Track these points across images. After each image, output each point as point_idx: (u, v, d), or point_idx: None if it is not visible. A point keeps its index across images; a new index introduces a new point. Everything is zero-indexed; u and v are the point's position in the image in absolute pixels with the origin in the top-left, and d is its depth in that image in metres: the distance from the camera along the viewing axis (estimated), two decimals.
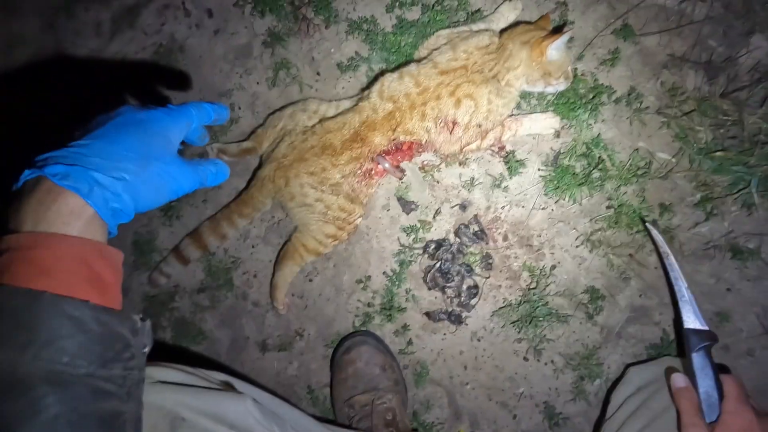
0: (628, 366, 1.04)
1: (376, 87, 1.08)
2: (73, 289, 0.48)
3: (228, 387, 0.73)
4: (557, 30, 1.03)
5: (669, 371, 0.90)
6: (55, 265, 0.48)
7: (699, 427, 0.79)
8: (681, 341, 0.98)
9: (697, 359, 0.86)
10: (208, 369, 0.76)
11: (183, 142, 0.67)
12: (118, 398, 0.49)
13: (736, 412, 0.79)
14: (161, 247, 1.29)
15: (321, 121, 1.13)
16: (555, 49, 0.99)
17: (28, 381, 0.44)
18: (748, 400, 0.81)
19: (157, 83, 1.31)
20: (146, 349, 0.55)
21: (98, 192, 0.50)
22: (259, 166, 1.18)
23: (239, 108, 1.28)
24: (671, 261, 0.98)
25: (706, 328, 0.90)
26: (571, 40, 1.11)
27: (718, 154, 1.03)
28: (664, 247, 1.00)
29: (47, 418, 0.44)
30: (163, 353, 0.79)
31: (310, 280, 1.22)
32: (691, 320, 0.91)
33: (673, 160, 1.07)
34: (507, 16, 1.13)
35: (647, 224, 1.04)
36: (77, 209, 0.49)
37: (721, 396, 0.82)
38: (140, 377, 0.53)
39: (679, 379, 0.86)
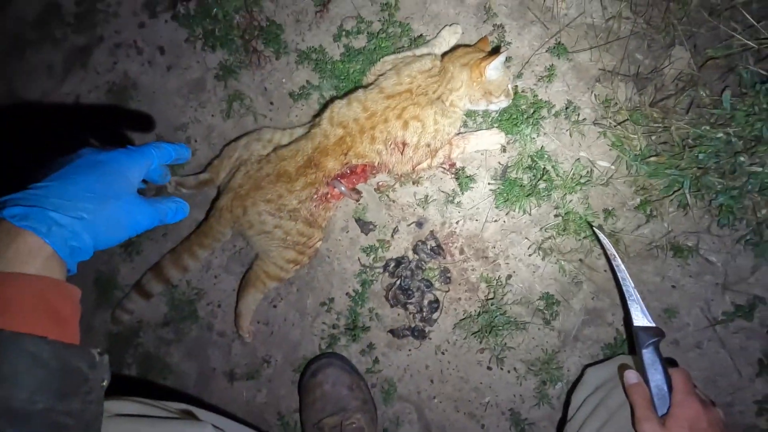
0: (585, 367, 1.08)
1: (326, 114, 1.11)
2: (32, 326, 0.49)
3: (188, 415, 0.74)
4: (495, 51, 1.09)
5: (622, 369, 0.94)
6: (14, 303, 0.49)
7: (651, 420, 0.82)
8: (631, 339, 1.03)
9: (647, 355, 0.90)
10: (173, 401, 0.77)
11: (144, 181, 0.69)
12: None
13: (684, 403, 0.83)
14: (123, 284, 1.28)
15: (275, 149, 1.16)
16: (493, 69, 1.05)
17: None
18: (694, 391, 0.86)
19: (119, 123, 1.32)
20: (105, 383, 0.55)
21: (57, 231, 0.52)
22: (217, 197, 1.19)
23: (195, 141, 1.30)
24: (618, 263, 1.03)
25: (653, 324, 0.95)
26: (508, 59, 1.17)
27: (652, 159, 1.10)
28: (611, 250, 1.05)
29: None
30: (129, 389, 0.78)
31: (275, 306, 1.23)
32: (640, 318, 0.96)
33: (613, 167, 1.13)
34: (448, 40, 1.19)
35: (594, 229, 1.10)
36: (36, 248, 0.51)
37: (670, 389, 0.87)
38: (98, 411, 0.54)
39: (631, 376, 0.90)
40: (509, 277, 1.15)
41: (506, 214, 1.16)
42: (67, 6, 1.40)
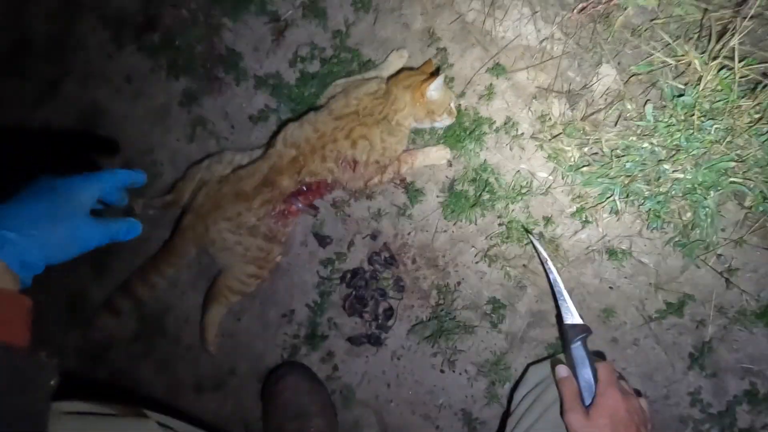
0: (528, 365, 1.14)
1: (280, 135, 1.19)
2: None
3: (133, 413, 0.79)
4: (435, 74, 1.17)
5: (554, 364, 1.01)
6: None
7: (576, 410, 0.89)
8: (563, 336, 1.10)
9: (576, 350, 0.97)
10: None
11: (105, 203, 0.76)
12: (24, 426, 0.56)
13: (605, 393, 0.90)
14: (93, 302, 1.34)
15: (235, 169, 1.23)
16: (433, 90, 1.13)
17: None
18: (617, 383, 0.92)
19: (87, 148, 1.39)
20: (53, 383, 0.61)
21: (9, 248, 0.59)
22: (181, 217, 1.25)
23: (161, 164, 1.37)
24: (549, 265, 1.11)
25: (581, 322, 1.02)
26: (450, 80, 1.25)
27: (585, 169, 1.18)
28: (543, 253, 1.12)
29: None
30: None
31: (239, 319, 1.29)
32: (569, 316, 1.03)
33: (550, 177, 1.21)
34: (395, 63, 1.27)
35: (529, 235, 1.17)
36: None
37: (597, 381, 0.93)
38: (44, 409, 0.59)
39: (561, 370, 0.97)
40: (458, 283, 1.22)
41: (454, 224, 1.24)
42: (36, 40, 1.47)
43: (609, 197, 1.16)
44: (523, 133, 1.23)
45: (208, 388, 1.28)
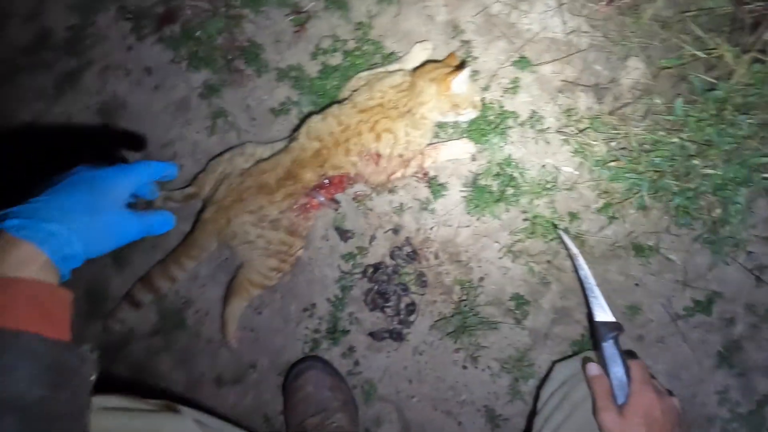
0: (554, 363, 1.13)
1: (303, 128, 1.18)
2: (28, 325, 0.54)
3: (170, 409, 0.79)
4: (460, 66, 1.16)
5: (585, 362, 0.99)
6: (12, 304, 0.54)
7: (609, 409, 0.88)
8: (594, 334, 1.08)
9: (607, 348, 0.96)
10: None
11: (135, 196, 0.75)
12: (67, 420, 0.56)
13: (639, 392, 0.88)
14: (113, 295, 1.33)
15: (257, 163, 1.22)
16: (459, 83, 1.12)
17: None
18: (650, 381, 0.91)
19: (110, 142, 1.38)
20: (93, 377, 0.61)
21: (51, 241, 0.58)
22: (202, 210, 1.25)
23: (181, 156, 1.36)
24: (579, 261, 1.09)
25: (613, 319, 1.00)
26: (475, 73, 1.23)
27: (612, 164, 1.16)
28: (573, 249, 1.11)
29: None
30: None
31: (260, 313, 1.29)
32: (600, 313, 1.01)
33: (576, 172, 1.20)
34: (418, 56, 1.25)
35: (558, 230, 1.16)
36: (32, 256, 0.57)
37: (630, 380, 0.92)
38: (87, 402, 0.59)
39: (592, 368, 0.95)
40: (481, 279, 1.21)
41: (477, 219, 1.22)
42: (57, 31, 1.47)
43: (636, 193, 1.14)
44: (548, 127, 1.21)
45: (228, 382, 1.28)
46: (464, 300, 1.20)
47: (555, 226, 1.17)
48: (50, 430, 0.52)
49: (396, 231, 1.25)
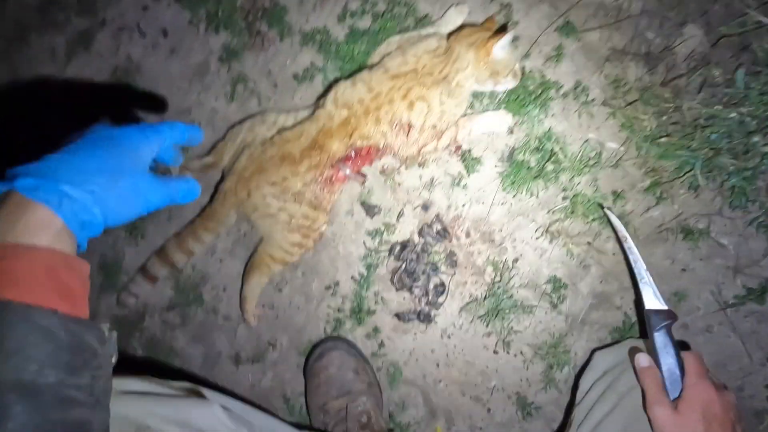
0: (593, 351, 1.07)
1: (330, 95, 1.10)
2: (42, 299, 0.48)
3: (194, 394, 0.73)
4: (501, 30, 1.07)
5: (633, 352, 0.92)
6: (24, 276, 0.48)
7: (663, 403, 0.81)
8: (642, 322, 1.01)
9: (659, 338, 0.89)
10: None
11: (156, 161, 0.68)
12: (86, 407, 0.50)
13: (696, 386, 0.82)
14: (128, 268, 1.29)
15: (279, 131, 1.15)
16: (500, 49, 1.03)
17: None
18: (707, 374, 0.84)
19: (127, 104, 1.31)
20: (113, 359, 0.55)
21: (67, 204, 0.51)
22: (221, 180, 1.18)
23: (199, 124, 1.29)
24: (630, 244, 1.02)
25: (665, 307, 0.93)
26: (516, 39, 1.14)
27: (662, 140, 1.07)
28: (623, 231, 1.03)
29: (15, 426, 0.45)
30: (135, 371, 0.78)
31: (280, 290, 1.23)
32: (652, 301, 0.94)
33: (622, 148, 1.11)
34: (454, 20, 1.16)
35: (605, 210, 1.08)
36: (46, 221, 0.50)
37: (682, 372, 0.85)
38: (108, 386, 0.53)
39: (642, 359, 0.89)
40: (516, 260, 1.14)
41: (513, 196, 1.15)
42: None
43: (688, 171, 1.06)
44: (593, 99, 1.12)
45: (246, 360, 1.23)
46: (497, 282, 1.13)
47: (601, 206, 1.09)
48: (67, 419, 0.46)
49: (426, 207, 1.18)
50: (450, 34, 1.12)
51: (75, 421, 0.48)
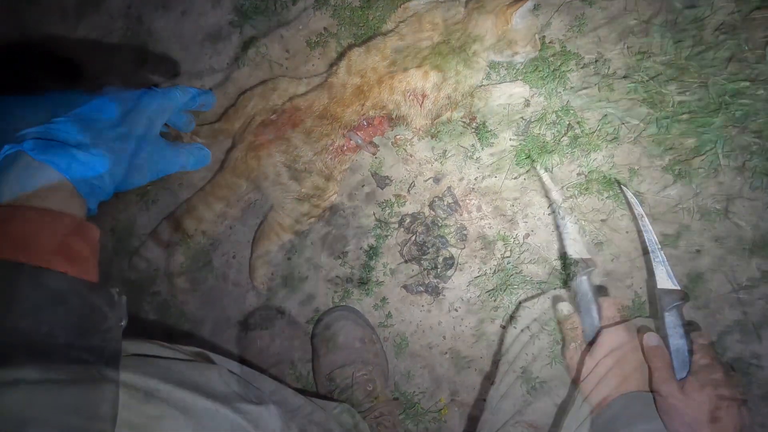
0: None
1: (343, 62, 1.08)
2: (51, 262, 0.48)
3: (203, 359, 0.74)
4: None
5: (641, 331, 0.92)
6: (33, 238, 0.48)
7: (669, 382, 0.81)
8: (653, 301, 1.00)
9: (670, 318, 0.88)
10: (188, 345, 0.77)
11: (167, 125, 0.67)
12: (96, 370, 0.50)
13: (705, 369, 0.81)
14: (139, 232, 1.29)
15: (291, 99, 1.13)
16: (520, 17, 1.00)
17: (8, 351, 0.45)
18: (716, 356, 0.84)
19: (138, 67, 1.30)
20: (123, 323, 0.55)
21: (77, 168, 0.51)
22: (232, 147, 1.17)
23: (210, 89, 1.27)
24: (645, 222, 1.00)
25: (677, 287, 0.92)
26: (536, 7, 1.10)
27: (684, 116, 1.04)
28: (639, 209, 1.02)
29: (26, 387, 0.45)
30: (145, 335, 0.79)
31: (289, 259, 1.23)
32: (664, 280, 0.93)
33: (642, 124, 1.08)
34: None
35: (622, 186, 1.06)
36: (55, 184, 0.50)
37: (691, 353, 0.85)
38: (117, 349, 0.54)
39: (651, 338, 0.88)
40: (527, 235, 1.13)
41: (527, 171, 1.13)
42: None
43: (710, 149, 1.03)
44: (615, 72, 1.09)
45: (254, 326, 1.24)
46: (508, 257, 1.13)
47: (618, 182, 1.07)
48: (76, 380, 0.47)
49: (437, 180, 1.17)
50: (468, 1, 1.08)
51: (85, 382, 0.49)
